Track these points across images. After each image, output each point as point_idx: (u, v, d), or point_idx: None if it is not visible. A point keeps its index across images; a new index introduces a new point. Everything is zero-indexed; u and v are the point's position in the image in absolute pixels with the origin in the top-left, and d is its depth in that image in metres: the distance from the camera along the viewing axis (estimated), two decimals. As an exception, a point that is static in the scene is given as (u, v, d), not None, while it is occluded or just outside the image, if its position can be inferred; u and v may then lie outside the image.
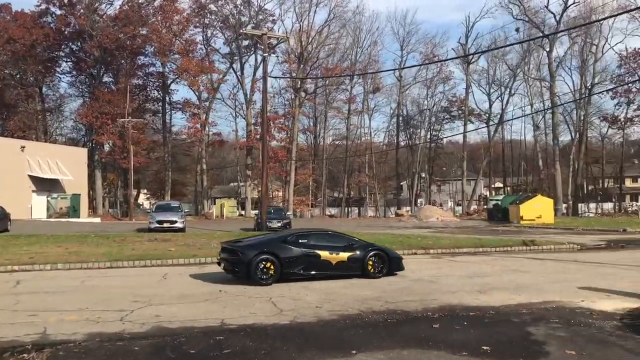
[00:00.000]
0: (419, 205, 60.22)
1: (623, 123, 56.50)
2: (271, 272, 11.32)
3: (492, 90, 60.31)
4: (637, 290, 10.11)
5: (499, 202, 40.57)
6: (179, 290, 10.51)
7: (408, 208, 59.77)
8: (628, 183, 72.60)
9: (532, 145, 62.45)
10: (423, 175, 66.52)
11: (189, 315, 8.14)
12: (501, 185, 73.97)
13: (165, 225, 27.14)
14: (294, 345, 6.45)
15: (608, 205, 56.97)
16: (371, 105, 63.79)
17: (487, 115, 60.78)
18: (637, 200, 60.67)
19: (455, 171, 66.89)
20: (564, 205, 51.22)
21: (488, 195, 59.08)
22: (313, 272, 11.71)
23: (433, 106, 63.39)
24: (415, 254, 17.83)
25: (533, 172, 65.66)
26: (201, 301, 9.35)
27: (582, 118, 54.50)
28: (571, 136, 58.43)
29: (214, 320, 7.80)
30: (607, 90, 53.00)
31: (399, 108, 62.21)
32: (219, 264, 12.21)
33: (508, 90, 58.71)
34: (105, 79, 60.63)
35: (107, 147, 58.81)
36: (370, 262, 12.14)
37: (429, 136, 64.55)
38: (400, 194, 69.44)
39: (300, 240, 12.16)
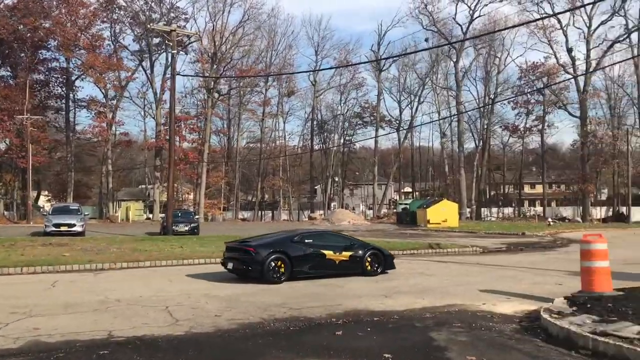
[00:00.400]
0: (332, 208, 60.71)
1: (523, 132, 59.82)
2: (282, 270, 11.69)
3: (402, 98, 62.10)
4: (534, 292, 10.41)
5: (408, 206, 41.62)
6: (66, 299, 9.64)
7: (321, 212, 60.05)
8: (527, 189, 77.17)
9: (439, 152, 64.82)
10: (336, 179, 67.23)
11: (72, 327, 7.40)
12: (410, 189, 76.25)
13: (62, 228, 25.55)
14: (186, 359, 5.96)
15: (508, 210, 60.13)
16: (286, 108, 63.72)
17: (398, 121, 62.42)
18: (534, 206, 64.58)
19: (367, 176, 68.15)
20: (468, 209, 53.50)
21: (397, 199, 60.58)
22: (319, 271, 12.25)
23: (346, 111, 64.36)
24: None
25: (440, 177, 68.12)
26: (89, 311, 8.58)
27: (485, 127, 57.19)
28: (475, 144, 61.22)
29: (101, 332, 7.12)
30: (508, 101, 56.10)
31: (313, 112, 62.54)
32: (223, 264, 12.35)
33: (417, 98, 60.67)
34: (2, 72, 56.44)
35: (3, 146, 54.66)
36: (369, 261, 12.88)
37: (342, 141, 65.34)
38: (314, 197, 69.76)
39: (306, 240, 12.62)
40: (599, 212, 53.52)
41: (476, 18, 47.96)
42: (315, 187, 71.07)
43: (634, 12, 46.70)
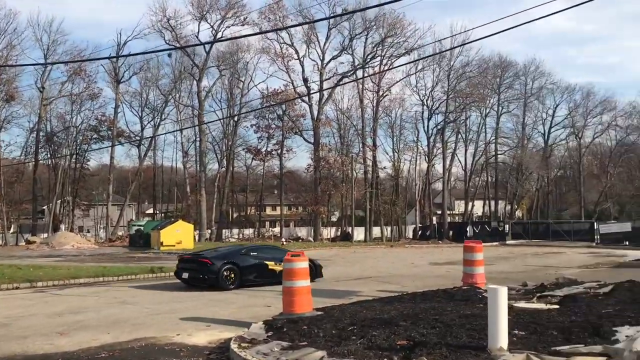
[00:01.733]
0: (61, 231, 54.13)
1: (264, 155, 61.68)
2: (231, 279, 13.53)
3: (144, 114, 59.07)
4: (240, 317, 9.60)
5: (142, 228, 39.03)
6: None
7: (46, 234, 53.12)
8: (268, 210, 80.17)
9: (182, 172, 63.21)
10: (67, 199, 60.48)
11: None
12: (152, 211, 72.81)
13: None
14: None
15: (249, 231, 61.27)
16: (2, 115, 55.13)
17: (139, 138, 59.11)
18: (274, 226, 67.07)
19: (102, 195, 62.87)
20: (208, 230, 52.77)
21: (132, 221, 56.99)
22: (264, 279, 13.89)
23: (81, 123, 58.55)
24: (17, 288, 14.77)
25: (183, 198, 66.48)
26: None
27: (229, 148, 57.55)
28: (219, 164, 61.18)
29: None
30: (250, 125, 57.47)
31: (40, 122, 55.44)
32: (176, 274, 14.17)
33: (160, 114, 58.31)
34: None
35: None
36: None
37: (75, 156, 59.23)
38: (39, 219, 61.60)
39: (251, 253, 14.60)
40: (329, 232, 57.69)
41: (219, 39, 48.00)
42: (43, 207, 63.02)
43: (359, 51, 51.50)
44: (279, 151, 57.47)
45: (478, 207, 68.83)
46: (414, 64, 49.07)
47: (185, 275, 13.88)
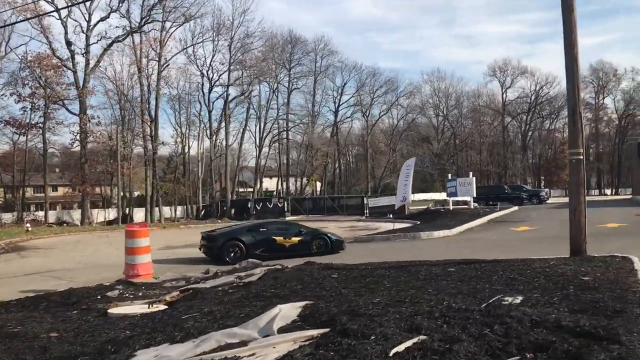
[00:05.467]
0: None
1: (28, 128, 53.76)
2: (238, 254, 14.69)
3: None
4: None
5: None
6: None
7: None
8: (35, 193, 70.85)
9: None
10: None
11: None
12: None
13: None
14: None
15: (8, 215, 53.13)
16: None
17: None
18: (42, 210, 59.31)
19: None
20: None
21: None
22: (271, 253, 14.64)
23: None
24: None
25: None
26: None
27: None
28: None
29: None
30: (10, 94, 49.39)
31: None
32: (200, 248, 15.61)
33: None
34: None
35: None
36: (315, 244, 15.67)
37: None
38: None
39: (260, 229, 15.71)
40: (107, 215, 52.38)
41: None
42: None
43: (138, 15, 46.69)
44: (44, 123, 50.28)
45: (272, 184, 68.41)
46: (192, 32, 45.83)
47: (202, 249, 15.41)
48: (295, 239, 15.52)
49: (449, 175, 43.50)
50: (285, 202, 44.50)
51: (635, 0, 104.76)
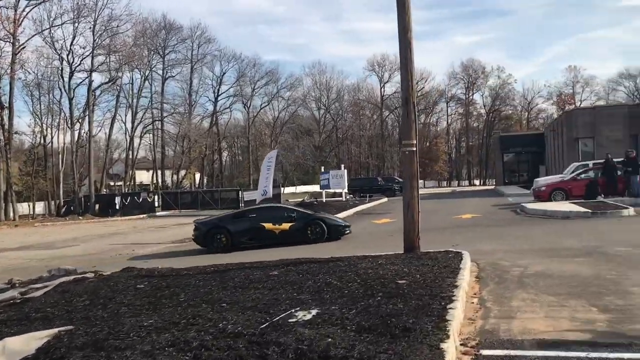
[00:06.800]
0: None
1: None
2: (223, 242, 13.95)
3: None
4: None
5: None
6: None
7: None
8: None
9: None
10: None
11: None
12: None
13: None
14: None
15: None
16: None
17: None
18: None
19: None
20: None
21: None
22: (259, 241, 13.90)
23: None
24: None
25: None
26: None
27: None
28: None
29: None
30: None
31: None
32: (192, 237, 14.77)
33: None
34: None
35: None
36: (310, 230, 14.15)
37: None
38: None
39: (250, 215, 14.64)
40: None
41: None
42: None
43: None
44: None
45: (149, 177, 64.87)
46: (48, 12, 41.73)
47: (193, 237, 14.72)
48: (286, 225, 14.13)
49: (322, 167, 43.38)
50: (156, 197, 42.04)
51: (503, 4, 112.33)
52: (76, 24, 44.52)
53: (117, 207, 41.99)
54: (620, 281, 6.81)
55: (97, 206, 43.39)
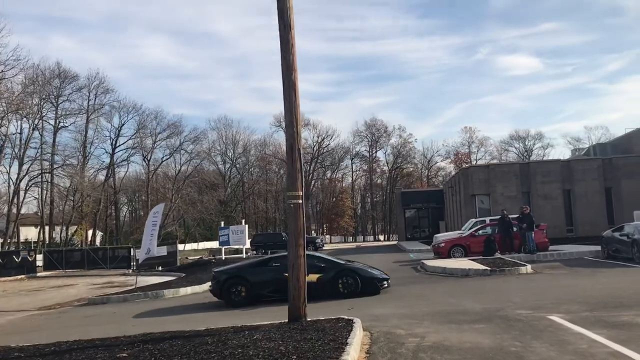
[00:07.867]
0: None
1: None
2: (242, 294, 12.51)
3: None
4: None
5: None
6: None
7: None
8: None
9: None
10: None
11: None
12: None
13: None
14: None
15: None
16: None
17: None
18: None
19: None
20: None
21: None
22: (283, 294, 9.88)
23: None
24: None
25: None
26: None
27: None
28: None
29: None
30: None
31: None
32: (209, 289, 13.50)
33: None
34: None
35: None
36: (341, 283, 12.46)
37: None
38: None
39: (273, 264, 13.02)
40: None
41: None
42: None
43: None
44: None
45: (34, 233, 59.51)
46: None
47: (210, 289, 13.54)
48: (314, 276, 12.05)
49: (222, 223, 41.63)
50: (39, 255, 38.19)
51: (402, 70, 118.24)
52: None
53: (-9, 267, 37.60)
54: (524, 355, 5.94)
55: (-34, 267, 38.65)
